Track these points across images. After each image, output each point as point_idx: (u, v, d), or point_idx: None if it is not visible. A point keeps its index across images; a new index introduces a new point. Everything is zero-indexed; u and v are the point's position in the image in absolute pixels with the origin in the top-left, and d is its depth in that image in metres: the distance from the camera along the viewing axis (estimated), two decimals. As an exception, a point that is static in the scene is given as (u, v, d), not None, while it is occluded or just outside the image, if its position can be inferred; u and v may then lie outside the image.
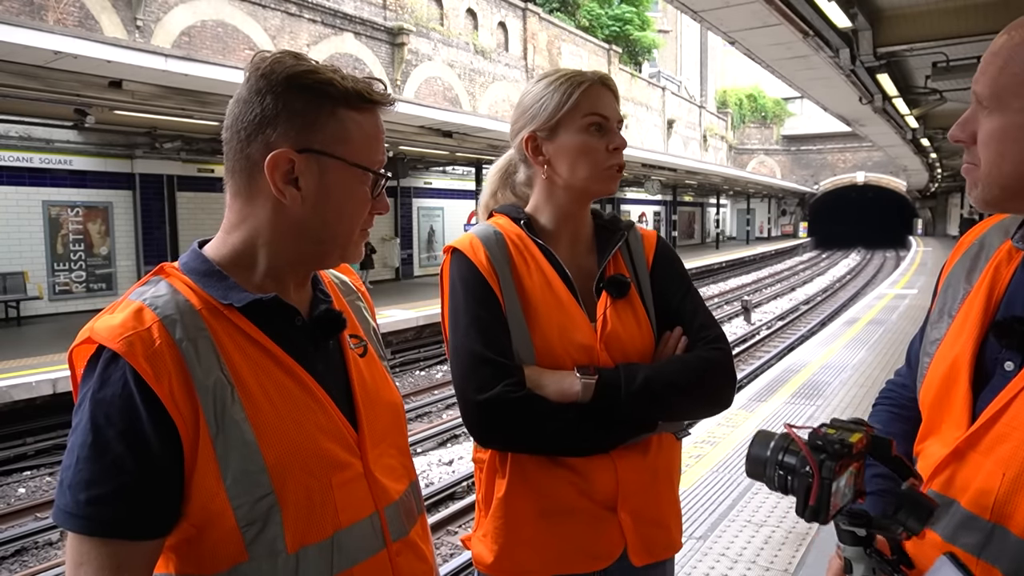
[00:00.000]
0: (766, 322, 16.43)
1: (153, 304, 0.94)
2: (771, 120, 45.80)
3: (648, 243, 1.54)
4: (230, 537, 0.92)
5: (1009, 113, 0.94)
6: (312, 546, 0.97)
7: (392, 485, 1.09)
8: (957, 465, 0.96)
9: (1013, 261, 1.05)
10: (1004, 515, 0.91)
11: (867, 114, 13.96)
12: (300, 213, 1.00)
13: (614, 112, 1.44)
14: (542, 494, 1.38)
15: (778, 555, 3.46)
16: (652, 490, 1.42)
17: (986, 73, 0.97)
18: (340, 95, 0.99)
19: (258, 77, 0.98)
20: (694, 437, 5.44)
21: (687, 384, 1.37)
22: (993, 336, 1.00)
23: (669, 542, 1.46)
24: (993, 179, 0.97)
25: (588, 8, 29.96)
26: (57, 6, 11.03)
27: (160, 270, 1.01)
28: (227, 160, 1.02)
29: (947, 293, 1.14)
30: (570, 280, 1.42)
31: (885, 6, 7.96)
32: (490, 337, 1.33)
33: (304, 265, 1.06)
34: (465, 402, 1.33)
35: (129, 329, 0.90)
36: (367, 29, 17.11)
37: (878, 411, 1.29)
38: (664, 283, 1.50)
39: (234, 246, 1.02)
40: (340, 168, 1.00)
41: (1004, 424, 0.94)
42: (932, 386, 1.07)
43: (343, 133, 1.00)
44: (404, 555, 1.09)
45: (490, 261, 1.39)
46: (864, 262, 34.44)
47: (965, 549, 0.95)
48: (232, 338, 0.96)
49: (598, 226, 1.53)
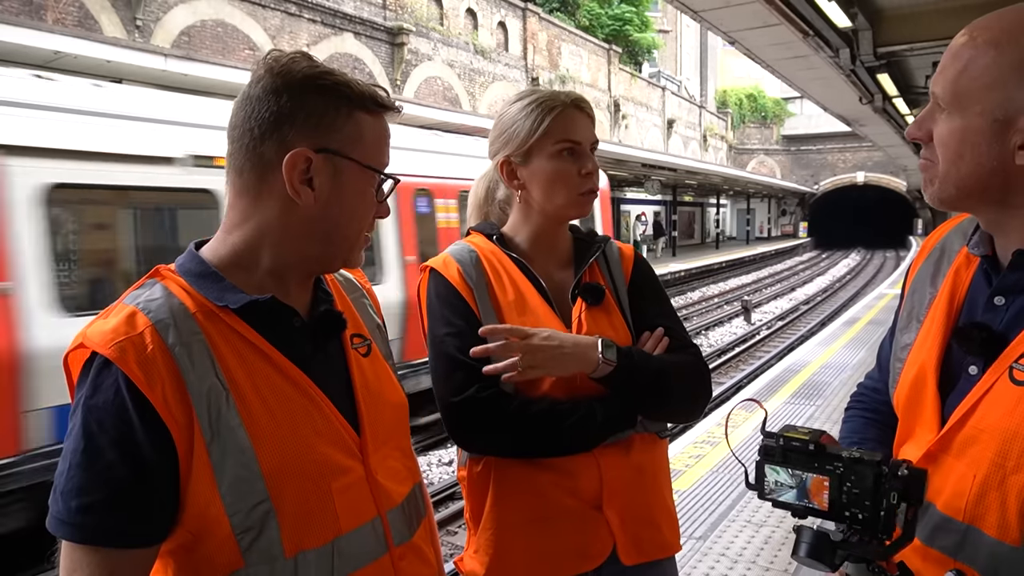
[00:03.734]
0: (766, 322, 16.42)
1: (146, 308, 0.93)
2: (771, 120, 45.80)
3: (626, 258, 1.58)
4: (225, 544, 0.91)
5: (968, 116, 0.95)
6: (311, 551, 0.96)
7: (395, 488, 1.08)
8: (931, 468, 0.98)
9: (971, 265, 1.07)
10: (976, 516, 0.93)
11: (867, 114, 13.97)
12: (311, 213, 1.00)
13: (587, 135, 1.46)
14: (529, 500, 1.39)
15: (778, 555, 3.46)
16: (638, 488, 1.44)
17: (945, 75, 0.98)
18: (356, 97, 1.00)
19: (273, 76, 0.98)
20: (694, 437, 5.44)
21: (685, 379, 1.42)
22: (955, 342, 1.02)
23: (662, 542, 1.46)
24: (950, 179, 0.98)
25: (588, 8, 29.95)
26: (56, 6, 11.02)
27: (155, 272, 1.00)
28: (234, 158, 1.00)
29: (914, 297, 1.16)
30: (545, 291, 1.46)
31: (885, 6, 7.96)
32: (465, 343, 1.36)
33: (308, 267, 1.05)
34: (443, 406, 1.37)
35: (121, 335, 0.89)
36: (367, 29, 17.10)
37: (852, 416, 1.30)
38: (642, 297, 1.54)
39: (234, 245, 1.01)
40: (354, 169, 1.01)
41: (971, 427, 0.96)
42: (904, 391, 1.09)
43: (358, 135, 1.00)
44: (407, 559, 1.07)
45: (463, 276, 1.44)
46: (864, 262, 34.41)
47: (943, 551, 0.96)
48: (228, 341, 0.95)
49: (576, 240, 1.57)
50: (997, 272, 1.02)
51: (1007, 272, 1.00)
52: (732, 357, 12.65)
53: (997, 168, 0.94)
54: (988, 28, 0.96)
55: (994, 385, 0.95)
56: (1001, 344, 0.96)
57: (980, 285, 1.05)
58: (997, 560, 0.91)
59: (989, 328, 0.98)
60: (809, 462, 0.96)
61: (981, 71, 0.93)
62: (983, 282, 1.04)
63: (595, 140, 1.49)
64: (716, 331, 15.43)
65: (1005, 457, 0.91)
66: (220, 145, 1.17)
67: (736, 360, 12.56)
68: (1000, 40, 0.94)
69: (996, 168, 0.94)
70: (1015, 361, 0.93)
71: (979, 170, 0.95)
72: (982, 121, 0.94)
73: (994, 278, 1.02)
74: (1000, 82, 0.92)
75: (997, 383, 0.94)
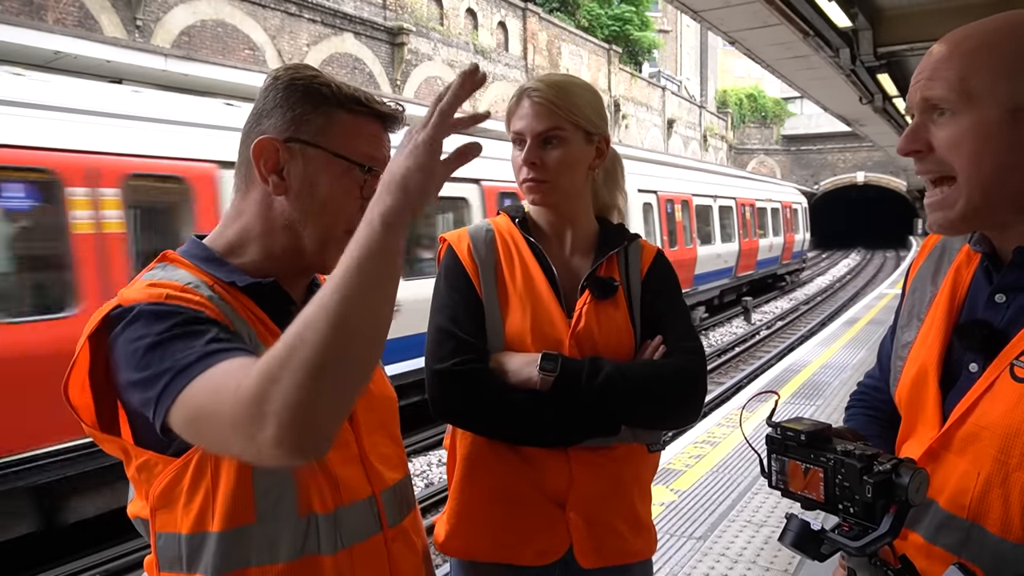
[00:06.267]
0: (766, 322, 16.43)
1: (171, 277, 0.97)
2: (771, 120, 45.74)
3: (647, 254, 1.57)
4: (243, 496, 0.94)
5: (982, 109, 0.93)
6: (321, 516, 1.00)
7: (388, 473, 1.11)
8: (933, 466, 0.98)
9: (972, 263, 1.07)
10: (980, 513, 0.93)
11: (867, 114, 13.96)
12: (286, 204, 1.03)
13: (528, 126, 1.43)
14: (495, 481, 1.41)
15: (778, 555, 3.46)
16: (612, 499, 1.42)
17: (942, 77, 0.95)
18: (334, 96, 1.03)
19: (271, 81, 1.04)
20: (694, 437, 5.44)
21: (654, 388, 1.38)
22: (956, 339, 1.02)
23: (628, 549, 1.44)
24: (975, 185, 0.94)
25: (588, 8, 29.94)
26: (56, 6, 11.02)
27: (163, 257, 1.03)
28: (237, 157, 1.07)
29: (914, 295, 1.15)
30: (554, 277, 1.46)
31: (885, 6, 7.96)
32: (458, 316, 1.40)
33: (291, 261, 1.06)
34: (427, 371, 1.40)
35: (167, 287, 0.93)
36: (367, 29, 17.09)
37: (854, 414, 1.31)
38: (654, 292, 1.53)
39: (228, 239, 1.06)
40: (323, 159, 1.02)
41: (972, 424, 0.96)
42: (905, 389, 1.09)
43: (329, 126, 1.03)
44: (398, 542, 1.11)
45: (471, 253, 1.46)
46: (864, 262, 34.41)
47: (946, 549, 0.96)
48: (248, 315, 1.00)
49: (604, 231, 1.56)
50: (998, 269, 1.02)
51: (1008, 270, 1.00)
52: (732, 357, 12.66)
53: (1017, 164, 0.93)
54: (974, 29, 0.96)
55: (995, 382, 0.95)
56: (1002, 341, 0.96)
57: (981, 283, 1.04)
58: (999, 558, 0.91)
59: (990, 325, 0.98)
60: (805, 453, 0.97)
61: (985, 64, 0.93)
62: (984, 279, 1.04)
63: (540, 130, 1.42)
64: (716, 331, 15.43)
65: (1008, 454, 0.91)
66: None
67: (736, 360, 12.57)
68: (992, 39, 0.94)
69: (1015, 164, 0.93)
70: (1016, 358, 0.93)
71: (1001, 169, 0.93)
72: (997, 112, 0.92)
73: (995, 275, 1.02)
74: (1009, 71, 0.92)
75: (998, 380, 0.94)
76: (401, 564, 1.11)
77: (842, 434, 1.03)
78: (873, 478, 0.89)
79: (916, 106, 0.99)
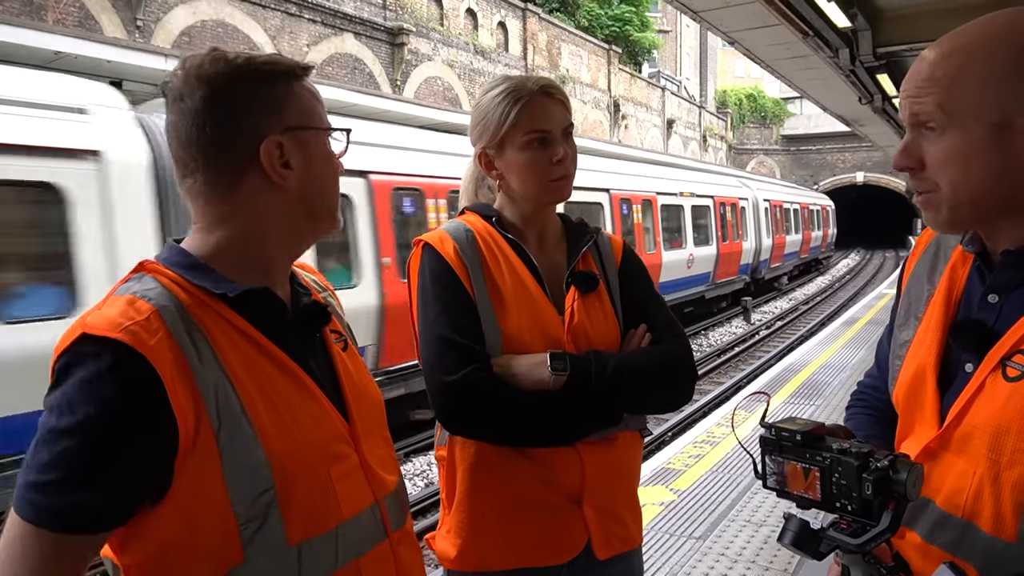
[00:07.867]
0: (766, 322, 16.43)
1: (145, 295, 0.92)
2: (771, 120, 45.73)
3: (616, 246, 1.61)
4: (227, 536, 0.91)
5: (967, 127, 0.93)
6: (316, 539, 0.97)
7: (387, 476, 1.11)
8: (931, 465, 0.98)
9: (967, 263, 1.07)
10: (974, 512, 0.94)
11: (867, 114, 13.96)
12: (295, 192, 1.02)
13: (557, 122, 1.44)
14: (506, 487, 1.39)
15: (778, 555, 3.46)
16: (615, 485, 1.46)
17: (930, 93, 0.96)
18: (288, 71, 1.02)
19: (203, 83, 0.97)
20: (694, 437, 5.44)
21: (653, 374, 1.42)
22: (951, 339, 1.03)
23: (628, 536, 1.49)
24: (961, 196, 0.96)
25: (588, 8, 29.92)
26: (57, 6, 11.02)
27: (140, 267, 0.99)
28: (194, 161, 0.99)
29: (911, 294, 1.16)
30: (539, 274, 1.46)
31: (885, 6, 7.95)
32: (459, 323, 1.37)
33: (298, 246, 1.08)
34: (435, 384, 1.36)
35: (129, 319, 0.87)
36: (367, 29, 17.09)
37: (854, 414, 1.31)
38: (632, 282, 1.56)
39: (219, 241, 1.01)
40: (314, 137, 1.04)
41: (967, 423, 0.96)
42: (903, 388, 1.09)
43: (305, 105, 1.03)
44: (404, 545, 1.10)
45: (458, 254, 1.43)
46: (864, 262, 34.42)
47: (942, 548, 0.97)
48: (223, 332, 0.95)
49: (567, 228, 1.58)
50: (990, 269, 1.03)
51: (998, 271, 1.01)
52: (732, 357, 12.65)
53: (1004, 173, 0.94)
54: (958, 39, 0.96)
55: (986, 381, 0.95)
56: (995, 341, 0.97)
57: (975, 282, 1.05)
58: (992, 557, 0.92)
59: (984, 325, 0.99)
60: (800, 453, 0.97)
61: (968, 80, 0.93)
62: (978, 279, 1.05)
63: (568, 124, 1.47)
64: (716, 331, 15.43)
65: (999, 453, 0.92)
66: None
67: (736, 360, 12.56)
68: (978, 48, 0.94)
69: (1003, 173, 0.94)
70: (1007, 358, 0.94)
71: (989, 177, 0.94)
72: (980, 129, 0.93)
73: (987, 275, 1.03)
74: (992, 83, 0.92)
75: (989, 379, 0.95)
76: (408, 567, 1.10)
77: (835, 432, 1.03)
78: (872, 475, 0.90)
79: (906, 120, 1.00)
